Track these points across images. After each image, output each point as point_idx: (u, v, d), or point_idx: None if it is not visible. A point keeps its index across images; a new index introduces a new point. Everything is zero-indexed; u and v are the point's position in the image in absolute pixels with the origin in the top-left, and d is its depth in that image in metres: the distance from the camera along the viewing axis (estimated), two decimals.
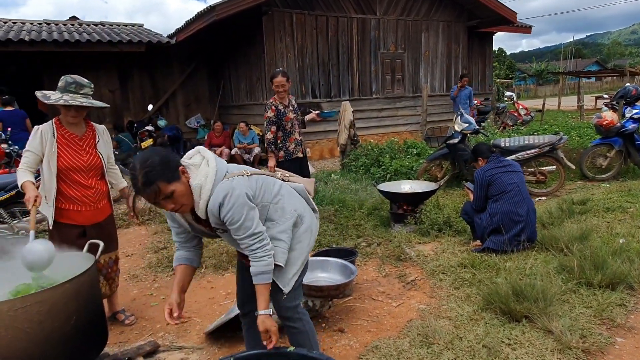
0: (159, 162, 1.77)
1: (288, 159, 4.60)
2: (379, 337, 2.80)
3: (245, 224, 1.87)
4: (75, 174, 2.83)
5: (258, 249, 1.90)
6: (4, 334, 1.94)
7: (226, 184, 1.86)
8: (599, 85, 41.39)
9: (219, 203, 1.84)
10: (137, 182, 1.77)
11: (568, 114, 15.81)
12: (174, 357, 2.74)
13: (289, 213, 2.08)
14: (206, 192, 1.85)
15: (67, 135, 2.81)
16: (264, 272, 1.91)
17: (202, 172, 1.88)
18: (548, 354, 2.42)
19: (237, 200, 1.85)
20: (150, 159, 1.78)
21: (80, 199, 2.85)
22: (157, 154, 1.82)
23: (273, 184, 2.10)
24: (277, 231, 2.03)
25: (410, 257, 4.04)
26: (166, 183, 1.77)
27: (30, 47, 8.89)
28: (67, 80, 2.77)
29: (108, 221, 3.04)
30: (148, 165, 1.75)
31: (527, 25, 15.57)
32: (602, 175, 6.84)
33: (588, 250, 3.42)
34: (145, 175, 1.74)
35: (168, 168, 1.79)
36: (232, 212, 1.84)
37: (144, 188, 1.76)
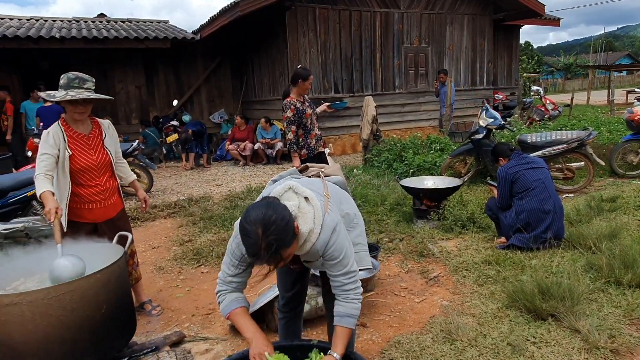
0: (282, 228, 1.59)
1: (311, 156, 4.58)
2: (401, 332, 2.80)
3: (344, 261, 1.80)
4: (86, 173, 2.83)
5: (351, 290, 1.82)
6: (39, 321, 2.02)
7: (330, 220, 1.78)
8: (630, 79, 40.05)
9: (326, 242, 1.75)
10: (258, 250, 1.58)
11: (597, 109, 15.36)
12: (199, 347, 2.80)
13: (354, 217, 2.09)
14: (316, 234, 1.74)
15: (75, 135, 2.80)
16: (352, 315, 1.82)
17: (309, 215, 1.74)
18: (575, 353, 2.38)
19: (340, 235, 1.78)
20: (273, 224, 1.58)
21: (91, 197, 2.86)
22: (277, 214, 1.61)
23: (335, 192, 2.07)
24: (353, 235, 2.03)
25: (433, 253, 4.01)
26: (287, 249, 1.63)
27: (61, 44, 9.14)
28: (69, 76, 2.74)
29: (119, 216, 3.05)
30: (272, 233, 1.57)
31: (556, 18, 15.15)
32: (633, 172, 6.64)
33: (617, 249, 3.34)
34: (270, 246, 1.57)
35: (289, 232, 1.63)
36: (334, 248, 1.77)
37: (266, 258, 1.60)
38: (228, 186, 7.56)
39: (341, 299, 1.84)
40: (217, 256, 4.26)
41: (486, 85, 12.90)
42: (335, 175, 2.32)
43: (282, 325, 2.31)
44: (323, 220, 1.75)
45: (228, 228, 5.03)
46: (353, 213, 2.12)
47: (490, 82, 13.02)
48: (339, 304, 1.84)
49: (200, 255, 4.31)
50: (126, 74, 11.15)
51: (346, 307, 1.82)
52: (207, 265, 4.15)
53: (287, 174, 2.23)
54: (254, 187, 6.99)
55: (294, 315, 2.28)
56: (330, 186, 2.09)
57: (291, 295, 2.24)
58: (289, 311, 2.27)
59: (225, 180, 8.14)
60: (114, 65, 10.87)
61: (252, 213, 1.62)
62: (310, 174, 2.29)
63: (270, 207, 1.63)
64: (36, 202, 4.75)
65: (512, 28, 14.39)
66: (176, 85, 12.30)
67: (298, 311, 2.30)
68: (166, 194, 7.11)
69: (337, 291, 1.85)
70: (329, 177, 2.27)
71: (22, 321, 2.01)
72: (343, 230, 1.83)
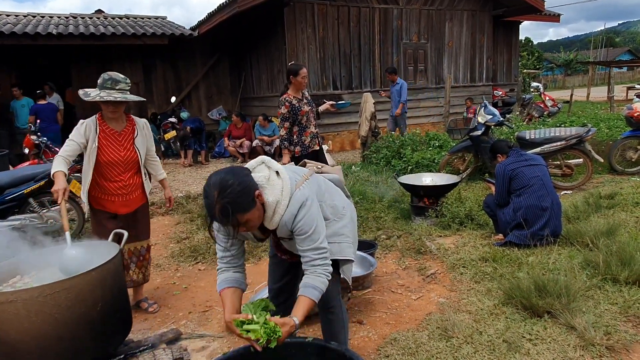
0: (238, 192, 1.67)
1: (304, 153, 4.57)
2: (397, 329, 2.80)
3: (313, 236, 1.83)
4: (111, 168, 2.95)
5: (320, 265, 1.86)
6: (34, 319, 2.02)
7: (300, 195, 1.82)
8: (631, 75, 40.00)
9: (294, 215, 1.80)
10: (213, 211, 1.67)
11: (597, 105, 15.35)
12: (195, 344, 2.80)
13: (341, 209, 2.08)
14: (283, 206, 1.79)
15: (107, 130, 2.93)
16: (316, 287, 1.85)
17: (277, 187, 1.80)
18: (570, 350, 2.38)
19: (309, 211, 1.82)
20: (229, 187, 1.66)
21: (113, 190, 2.98)
22: (236, 179, 1.69)
23: (323, 182, 2.09)
24: (338, 227, 2.03)
25: (430, 250, 4.01)
26: (243, 214, 1.69)
27: (58, 40, 9.09)
28: (104, 77, 2.85)
29: (140, 210, 3.14)
30: (227, 195, 1.65)
31: (556, 14, 15.10)
32: (632, 169, 6.64)
33: (615, 246, 3.34)
34: (224, 208, 1.65)
35: (247, 197, 1.69)
36: (303, 222, 1.81)
37: (220, 218, 1.68)
38: None
39: (309, 273, 1.87)
40: (214, 253, 4.25)
41: (485, 82, 12.88)
42: (332, 174, 2.32)
43: None
44: (292, 194, 1.80)
45: None
46: (341, 205, 2.11)
47: (489, 78, 13.00)
48: (306, 277, 1.87)
49: (198, 253, 4.31)
50: (124, 71, 11.08)
51: (313, 279, 1.85)
52: (205, 262, 4.15)
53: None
54: None
55: (285, 309, 2.29)
56: (319, 178, 2.10)
57: (278, 288, 2.27)
58: (280, 305, 2.27)
59: None
60: (111, 61, 10.81)
61: (213, 177, 1.72)
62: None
63: (230, 173, 1.71)
64: (33, 200, 4.74)
65: (511, 24, 14.34)
66: (174, 82, 12.27)
67: (287, 305, 2.30)
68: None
69: (306, 266, 1.88)
70: (325, 174, 2.27)
71: (18, 319, 2.01)
72: (314, 207, 1.85)
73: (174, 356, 2.55)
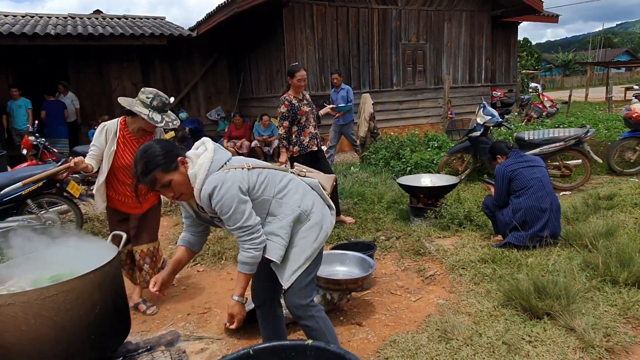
0: (158, 153, 1.86)
1: (302, 153, 4.59)
2: (397, 331, 2.79)
3: (235, 216, 1.90)
4: (125, 171, 3.05)
5: (246, 241, 1.94)
6: (32, 322, 2.01)
7: (218, 176, 1.90)
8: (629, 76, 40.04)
9: (209, 194, 1.88)
10: (136, 170, 1.87)
11: (596, 106, 15.36)
12: (194, 346, 2.80)
13: (291, 209, 2.04)
14: (199, 181, 1.89)
15: (128, 136, 3.06)
16: (246, 262, 1.97)
17: (199, 161, 1.93)
18: (570, 352, 2.38)
19: (227, 193, 1.87)
20: (150, 149, 1.88)
21: (125, 192, 3.12)
22: (159, 143, 1.92)
23: (280, 179, 2.08)
24: (276, 227, 2.02)
25: (429, 252, 4.01)
26: (163, 173, 1.86)
27: (56, 41, 9.08)
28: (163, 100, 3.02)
29: (151, 211, 3.25)
30: (147, 155, 1.86)
31: (554, 14, 15.13)
32: (631, 170, 6.65)
33: (614, 247, 3.33)
34: (145, 165, 1.84)
35: (166, 158, 1.87)
36: (222, 204, 1.88)
37: (142, 177, 1.86)
38: None
39: (240, 249, 1.99)
40: (213, 255, 4.25)
41: (484, 82, 12.88)
42: (312, 179, 2.25)
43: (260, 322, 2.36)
44: (209, 171, 1.90)
45: None
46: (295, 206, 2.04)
47: (488, 79, 13.00)
48: (239, 254, 2.00)
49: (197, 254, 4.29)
50: (122, 71, 11.10)
51: (242, 255, 1.98)
52: (203, 263, 4.14)
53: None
54: None
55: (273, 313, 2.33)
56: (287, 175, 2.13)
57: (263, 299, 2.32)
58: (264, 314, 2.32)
59: None
60: (110, 61, 10.82)
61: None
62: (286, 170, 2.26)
63: (156, 141, 1.95)
64: (31, 201, 4.72)
65: (510, 25, 14.36)
66: (173, 82, 12.25)
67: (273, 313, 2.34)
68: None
69: (238, 242, 1.99)
70: (305, 178, 2.23)
71: (15, 322, 2.00)
72: (232, 191, 1.88)
73: (173, 358, 2.53)
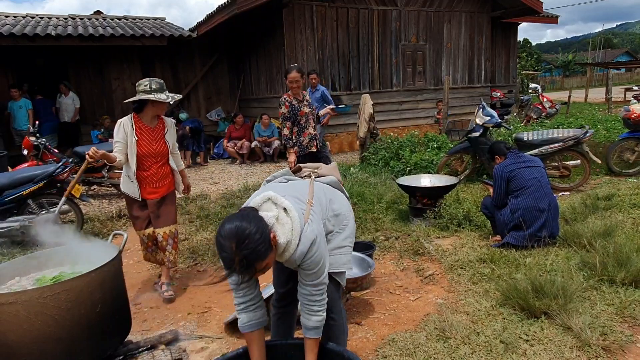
0: (257, 241, 1.58)
1: (302, 154, 4.64)
2: (395, 330, 2.81)
3: (318, 273, 1.83)
4: (145, 159, 3.33)
5: (316, 301, 1.87)
6: (34, 320, 2.03)
7: (310, 232, 1.77)
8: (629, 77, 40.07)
9: (305, 253, 1.76)
10: (232, 264, 1.59)
11: (595, 107, 15.38)
12: (194, 345, 2.81)
13: (345, 218, 2.10)
14: (294, 245, 1.74)
15: (143, 127, 3.32)
16: (317, 327, 1.88)
17: (287, 226, 1.74)
18: (567, 350, 2.40)
19: (319, 248, 1.80)
20: (247, 238, 1.57)
21: (145, 178, 3.36)
22: (252, 226, 1.60)
23: (323, 195, 2.07)
24: (341, 239, 2.05)
25: (428, 252, 4.03)
26: (262, 261, 1.63)
27: (57, 41, 9.10)
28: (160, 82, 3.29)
29: (168, 197, 3.50)
30: (246, 247, 1.57)
31: (553, 15, 15.16)
32: (630, 170, 6.67)
33: (612, 247, 3.36)
34: (243, 261, 1.57)
35: (265, 244, 1.62)
36: (313, 260, 1.79)
37: (240, 271, 1.60)
38: (225, 184, 7.56)
39: (306, 311, 1.88)
40: (213, 254, 4.27)
41: (484, 83, 12.91)
42: (330, 176, 2.32)
43: (274, 321, 2.31)
44: (302, 231, 1.75)
45: None
46: (344, 213, 2.12)
47: (488, 79, 13.03)
48: (304, 317, 1.90)
49: (197, 254, 4.32)
50: (123, 71, 11.12)
51: (311, 320, 1.88)
52: (204, 263, 4.16)
53: (281, 174, 2.24)
54: (250, 185, 6.99)
55: (287, 312, 2.30)
56: (319, 188, 2.09)
57: (284, 292, 2.25)
58: (282, 307, 2.28)
59: (222, 179, 8.14)
60: (110, 62, 10.84)
61: (227, 226, 1.62)
62: (302, 174, 2.29)
63: (245, 220, 1.62)
64: (32, 201, 4.74)
65: (510, 25, 14.39)
66: (173, 83, 12.26)
67: (291, 308, 2.31)
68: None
69: (303, 299, 1.89)
70: (322, 178, 2.27)
71: (17, 320, 2.02)
72: (323, 242, 1.84)
73: (173, 357, 2.56)
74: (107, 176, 6.61)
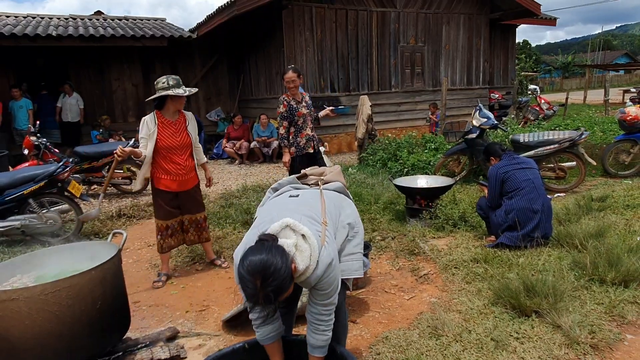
0: (282, 277, 1.59)
1: (299, 154, 4.70)
2: (389, 328, 2.86)
3: (330, 293, 1.87)
4: (170, 151, 3.61)
5: (324, 321, 1.90)
6: (35, 316, 2.09)
7: (327, 256, 1.80)
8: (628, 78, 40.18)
9: (320, 276, 1.80)
10: (256, 299, 1.60)
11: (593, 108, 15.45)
12: (192, 342, 2.87)
13: (356, 224, 2.15)
14: (311, 270, 1.76)
15: (165, 121, 3.61)
16: (323, 347, 1.93)
17: (306, 253, 1.75)
18: (556, 348, 2.46)
19: (334, 270, 1.84)
20: (272, 275, 1.57)
21: (174, 171, 3.65)
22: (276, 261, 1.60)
23: (333, 207, 2.10)
24: (351, 246, 2.11)
25: (424, 252, 4.08)
26: (285, 294, 1.66)
27: (58, 42, 9.16)
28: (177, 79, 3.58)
29: (195, 189, 3.85)
30: (270, 284, 1.57)
31: (552, 17, 15.23)
32: (625, 172, 6.73)
33: (603, 247, 3.41)
34: (268, 297, 1.59)
35: (289, 279, 1.64)
36: (326, 282, 1.83)
37: (264, 305, 1.63)
38: (224, 184, 7.61)
39: (312, 329, 1.91)
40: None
41: (482, 85, 12.97)
42: (335, 182, 2.36)
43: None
44: (319, 256, 1.77)
45: (223, 226, 5.10)
46: (354, 220, 2.18)
47: (486, 81, 13.09)
48: (311, 335, 1.93)
49: (195, 253, 4.37)
50: (123, 72, 11.19)
51: (317, 339, 1.91)
52: (202, 262, 4.21)
53: (287, 182, 2.30)
54: (249, 185, 7.04)
55: (289, 311, 2.36)
56: (329, 200, 2.11)
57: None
58: (282, 307, 2.33)
59: (221, 179, 8.19)
60: (110, 62, 10.91)
61: (251, 259, 1.60)
62: (309, 182, 2.33)
63: (270, 253, 1.61)
64: (33, 201, 4.80)
65: (508, 27, 14.45)
66: None
67: (291, 308, 2.37)
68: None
69: (311, 317, 1.92)
70: (329, 185, 2.31)
71: (19, 317, 2.08)
72: (337, 264, 1.89)
73: (171, 353, 2.62)
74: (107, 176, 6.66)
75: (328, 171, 2.45)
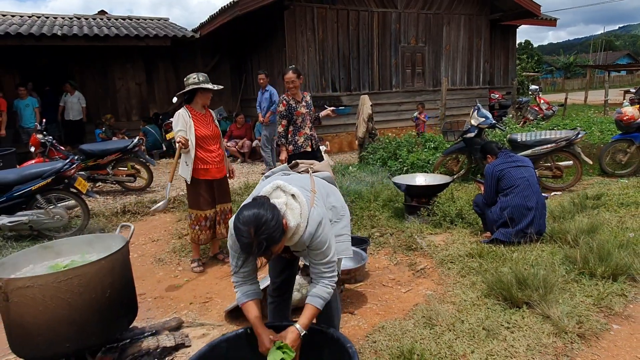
0: (273, 227, 1.74)
1: (297, 152, 4.79)
2: (386, 319, 2.97)
3: (326, 252, 1.97)
4: (205, 140, 3.90)
5: (327, 277, 2.01)
6: (48, 303, 2.20)
7: (317, 214, 1.93)
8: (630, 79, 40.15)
9: (312, 234, 1.91)
10: (250, 247, 1.74)
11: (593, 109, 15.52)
12: (196, 332, 2.98)
13: (341, 209, 2.26)
14: (303, 227, 1.88)
15: (196, 114, 3.92)
16: (322, 297, 2.00)
17: (296, 211, 1.88)
18: (544, 337, 2.56)
19: (325, 228, 1.95)
20: (264, 224, 1.73)
21: (210, 159, 3.93)
22: (268, 213, 1.76)
23: (322, 187, 2.22)
24: (339, 228, 2.21)
25: (421, 247, 4.19)
26: (277, 245, 1.79)
27: (63, 41, 9.28)
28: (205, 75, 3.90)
29: (225, 179, 4.13)
30: (263, 232, 1.72)
31: (552, 18, 15.31)
32: (622, 171, 6.82)
33: (595, 243, 3.50)
34: (261, 244, 1.73)
35: (279, 229, 1.77)
36: (320, 240, 1.93)
37: (257, 251, 1.75)
38: None
39: (316, 282, 2.03)
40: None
41: (482, 85, 13.07)
42: (324, 171, 2.49)
43: (271, 309, 2.47)
44: (309, 214, 1.91)
45: None
46: (340, 205, 2.29)
47: (486, 81, 13.18)
48: (313, 285, 2.04)
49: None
50: (126, 71, 11.31)
51: (319, 289, 2.01)
52: (205, 257, 4.33)
53: (279, 169, 2.41)
54: (251, 183, 7.16)
55: (283, 301, 2.46)
56: (318, 181, 2.26)
57: (280, 281, 2.42)
58: (278, 296, 2.44)
59: None
60: (113, 62, 11.03)
61: (245, 213, 1.77)
62: (299, 169, 2.46)
63: (261, 207, 1.78)
64: (40, 196, 4.92)
65: (508, 28, 14.54)
66: (176, 83, 12.44)
67: (286, 297, 2.47)
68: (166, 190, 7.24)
69: (315, 276, 2.05)
70: (318, 173, 2.44)
71: (34, 303, 2.19)
72: (328, 223, 2.01)
73: (177, 342, 2.74)
74: (111, 173, 6.79)
75: (317, 162, 2.57)
